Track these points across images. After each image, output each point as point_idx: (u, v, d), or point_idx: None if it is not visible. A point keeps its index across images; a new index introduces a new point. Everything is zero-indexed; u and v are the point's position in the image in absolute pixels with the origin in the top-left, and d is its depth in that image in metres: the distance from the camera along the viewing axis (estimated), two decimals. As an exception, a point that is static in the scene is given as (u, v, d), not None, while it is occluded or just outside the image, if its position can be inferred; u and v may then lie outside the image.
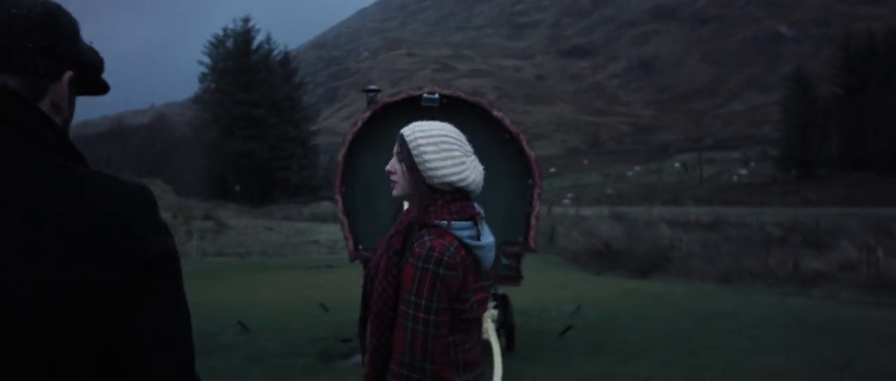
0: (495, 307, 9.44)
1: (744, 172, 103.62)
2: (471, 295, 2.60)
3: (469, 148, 2.73)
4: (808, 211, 46.99)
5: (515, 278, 9.40)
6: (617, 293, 17.13)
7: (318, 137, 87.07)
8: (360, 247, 9.15)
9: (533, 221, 9.06)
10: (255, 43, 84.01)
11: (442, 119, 6.36)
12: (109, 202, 1.44)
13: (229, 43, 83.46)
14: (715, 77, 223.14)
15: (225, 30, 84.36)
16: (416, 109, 9.07)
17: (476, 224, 2.63)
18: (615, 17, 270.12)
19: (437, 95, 9.02)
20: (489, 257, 2.67)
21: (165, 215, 41.64)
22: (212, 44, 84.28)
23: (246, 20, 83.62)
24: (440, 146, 2.69)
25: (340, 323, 11.89)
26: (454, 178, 2.65)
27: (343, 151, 9.20)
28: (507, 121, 9.07)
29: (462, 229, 2.59)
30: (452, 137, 2.73)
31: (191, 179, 79.60)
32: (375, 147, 9.26)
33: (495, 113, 9.04)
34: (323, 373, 8.83)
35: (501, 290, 9.82)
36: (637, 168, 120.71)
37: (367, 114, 9.18)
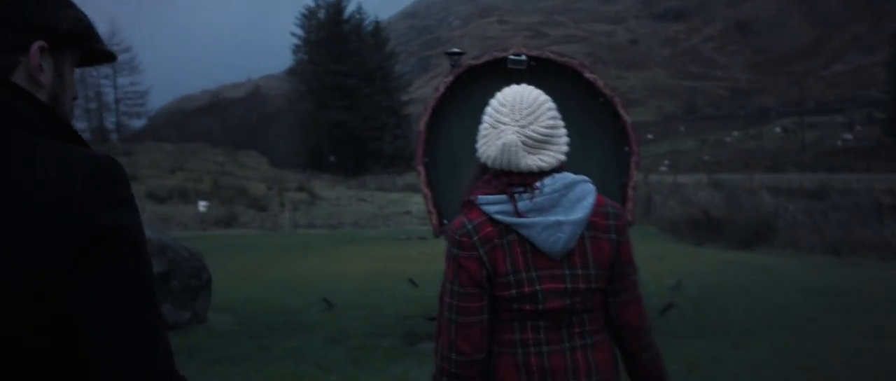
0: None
1: (849, 136, 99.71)
2: (515, 281, 2.29)
3: (506, 117, 2.39)
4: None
5: None
6: (718, 266, 16.29)
7: (410, 106, 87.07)
8: (446, 222, 8.60)
9: (629, 191, 8.35)
10: (347, 13, 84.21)
11: (529, 82, 5.81)
12: (58, 175, 1.33)
13: (321, 14, 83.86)
14: (816, 37, 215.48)
15: (316, 1, 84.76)
16: (503, 71, 8.46)
17: (510, 195, 2.32)
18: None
19: (524, 57, 8.37)
20: (548, 237, 2.29)
21: (259, 187, 42.20)
22: (303, 15, 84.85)
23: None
24: (484, 116, 2.47)
25: (429, 300, 11.41)
26: (478, 152, 2.46)
27: (425, 118, 8.60)
28: (600, 83, 8.35)
29: (489, 204, 2.32)
30: (494, 104, 2.47)
31: (286, 151, 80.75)
32: (460, 113, 8.67)
33: (588, 75, 8.33)
34: (407, 355, 8.34)
35: None
36: (736, 134, 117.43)
37: (450, 78, 8.55)
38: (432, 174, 8.66)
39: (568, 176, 2.37)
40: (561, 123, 2.45)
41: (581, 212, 2.31)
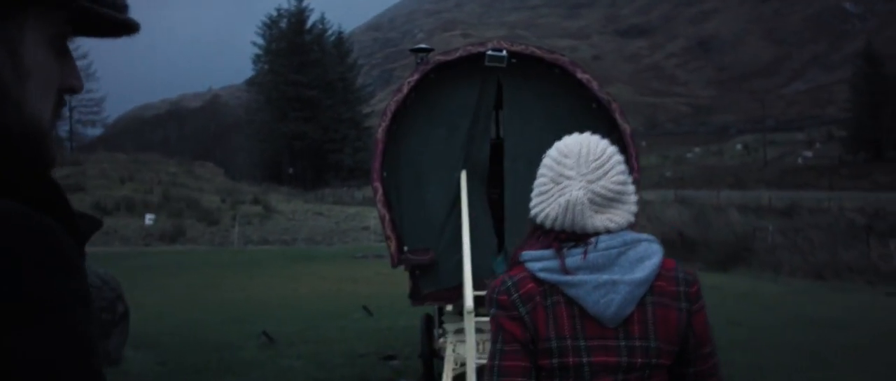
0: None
1: (809, 154, 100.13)
2: (561, 348, 1.93)
3: (571, 170, 2.02)
4: (885, 196, 44.15)
5: None
6: (699, 291, 15.11)
7: (372, 118, 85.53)
8: (405, 249, 7.21)
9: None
10: (309, 23, 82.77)
11: (513, 82, 5.99)
12: None
13: (283, 23, 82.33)
14: (776, 56, 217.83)
15: (278, 10, 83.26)
16: (479, 70, 7.13)
17: (559, 252, 1.97)
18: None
19: (504, 53, 7.00)
20: (599, 299, 1.91)
21: (212, 200, 40.58)
22: (265, 24, 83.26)
23: (300, 0, 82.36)
24: (542, 168, 2.11)
25: (385, 333, 10.07)
26: (533, 211, 2.08)
27: (384, 124, 7.11)
28: (595, 85, 6.97)
29: (534, 260, 2.00)
30: (555, 155, 2.09)
31: (244, 162, 79.24)
32: (428, 119, 7.31)
33: (580, 75, 6.96)
34: (358, 408, 6.97)
35: None
36: (697, 150, 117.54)
37: (415, 77, 7.09)
38: (392, 192, 7.22)
39: (629, 233, 2.01)
40: (630, 178, 2.11)
41: (642, 272, 1.95)
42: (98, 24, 0.97)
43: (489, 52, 6.97)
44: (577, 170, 2.02)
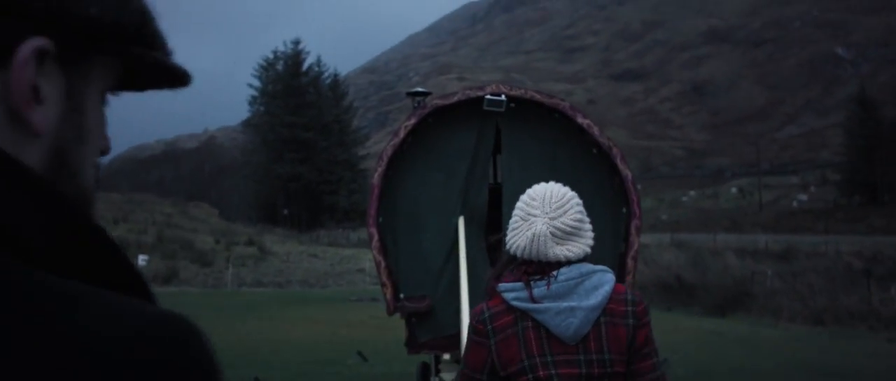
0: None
1: (804, 197, 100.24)
2: (529, 367, 2.36)
3: (537, 210, 2.44)
4: (883, 240, 44.02)
5: None
6: (697, 336, 14.95)
7: (367, 161, 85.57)
8: (401, 296, 7.03)
9: (629, 262, 6.82)
10: (305, 65, 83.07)
11: (512, 127, 6.23)
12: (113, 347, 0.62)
13: (279, 65, 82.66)
14: (770, 100, 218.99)
15: (275, 52, 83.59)
16: (477, 114, 7.00)
17: (527, 283, 2.39)
18: (667, 40, 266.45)
19: (503, 97, 6.88)
20: (561, 322, 2.36)
21: (206, 241, 40.37)
22: (262, 66, 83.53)
23: (296, 43, 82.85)
24: (515, 210, 2.54)
25: (379, 379, 9.85)
26: (507, 244, 2.51)
27: (380, 169, 6.97)
28: (595, 130, 6.84)
29: (507, 291, 2.42)
30: (525, 199, 2.52)
31: (239, 203, 79.11)
32: (425, 164, 7.17)
33: (581, 120, 6.83)
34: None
35: None
36: (692, 193, 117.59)
37: (412, 121, 6.95)
38: (388, 238, 7.06)
39: (586, 266, 2.42)
40: (587, 218, 2.49)
41: (596, 299, 2.36)
42: (149, 75, 0.82)
43: (488, 97, 6.85)
44: (542, 209, 2.42)
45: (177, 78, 0.82)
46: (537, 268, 2.41)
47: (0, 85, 0.68)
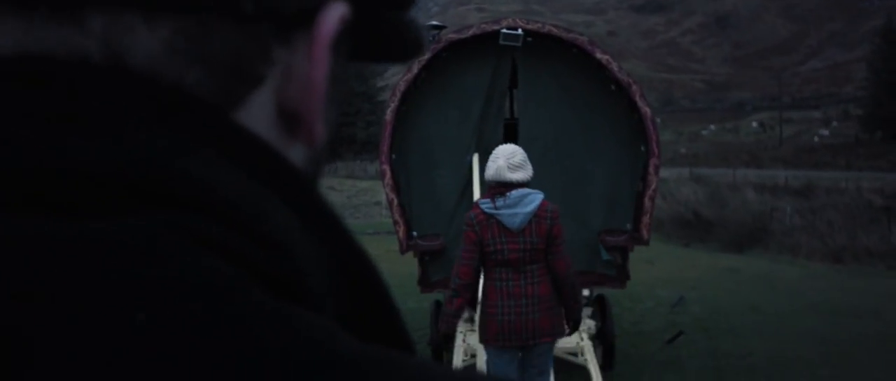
0: (591, 317, 7.23)
1: (825, 132, 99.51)
2: (494, 244, 4.69)
3: (499, 157, 4.82)
4: (904, 176, 43.60)
5: (619, 278, 7.07)
6: (714, 273, 14.85)
7: (385, 92, 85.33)
8: (414, 234, 6.94)
9: (647, 202, 6.68)
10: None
11: (529, 62, 6.91)
12: None
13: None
14: (794, 33, 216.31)
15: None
16: (493, 49, 6.83)
17: (493, 199, 4.72)
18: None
19: (519, 32, 6.69)
20: (510, 220, 4.66)
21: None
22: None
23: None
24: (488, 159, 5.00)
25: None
26: (485, 175, 5.01)
27: (393, 105, 6.80)
28: (614, 66, 6.64)
29: (482, 203, 4.81)
30: (493, 153, 4.94)
31: (256, 135, 79.39)
32: (438, 100, 7.03)
33: (599, 55, 6.63)
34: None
35: (598, 291, 7.56)
36: (712, 127, 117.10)
37: (426, 55, 6.81)
38: (401, 175, 6.95)
39: (525, 190, 4.74)
40: (528, 161, 4.82)
41: (530, 208, 4.68)
42: (386, 44, 0.58)
43: (504, 31, 6.67)
44: (502, 155, 4.77)
45: (412, 48, 0.59)
46: (498, 190, 4.75)
47: (279, 72, 0.46)
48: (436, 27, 7.89)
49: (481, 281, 4.97)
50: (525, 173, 4.67)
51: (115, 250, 0.36)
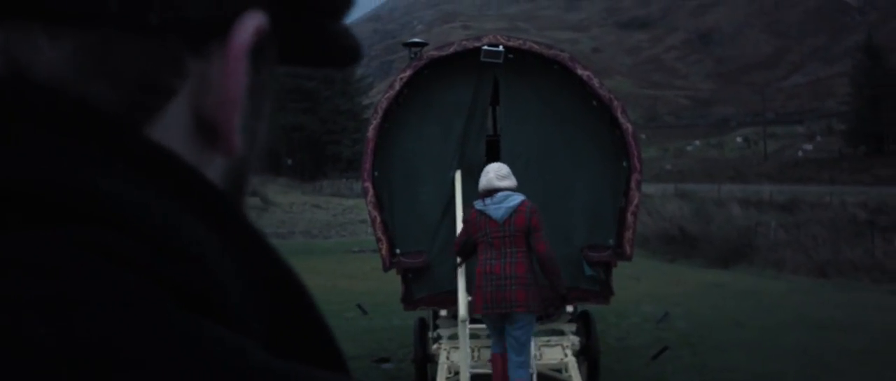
0: (575, 333, 7.20)
1: (809, 147, 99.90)
2: (482, 232, 5.99)
3: (491, 171, 6.17)
4: (887, 190, 43.84)
5: (602, 294, 7.05)
6: (700, 289, 14.88)
7: (370, 111, 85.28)
8: (397, 251, 6.92)
9: (629, 218, 6.69)
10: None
11: (510, 79, 7.16)
12: None
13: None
14: (777, 49, 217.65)
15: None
16: (474, 67, 6.83)
17: (483, 200, 6.03)
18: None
19: (500, 48, 6.70)
20: (495, 212, 5.95)
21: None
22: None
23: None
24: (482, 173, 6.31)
25: (380, 333, 9.82)
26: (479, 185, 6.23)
27: (375, 122, 6.80)
28: (595, 82, 6.65)
29: (476, 203, 6.10)
30: (485, 169, 6.32)
31: (242, 153, 78.88)
32: (420, 117, 7.02)
33: (580, 72, 6.65)
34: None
35: (582, 307, 7.53)
36: (697, 143, 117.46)
37: (408, 73, 6.78)
38: (383, 193, 6.93)
39: (508, 192, 5.99)
40: (512, 175, 6.13)
41: (512, 204, 5.92)
42: (317, 51, 0.58)
43: (485, 48, 6.68)
44: (492, 170, 6.13)
45: (349, 55, 0.59)
46: (488, 194, 6.02)
47: (196, 81, 0.45)
48: (417, 44, 7.88)
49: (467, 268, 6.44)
50: (511, 182, 6.02)
51: (15, 265, 0.35)
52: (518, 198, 5.91)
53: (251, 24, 0.46)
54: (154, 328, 0.35)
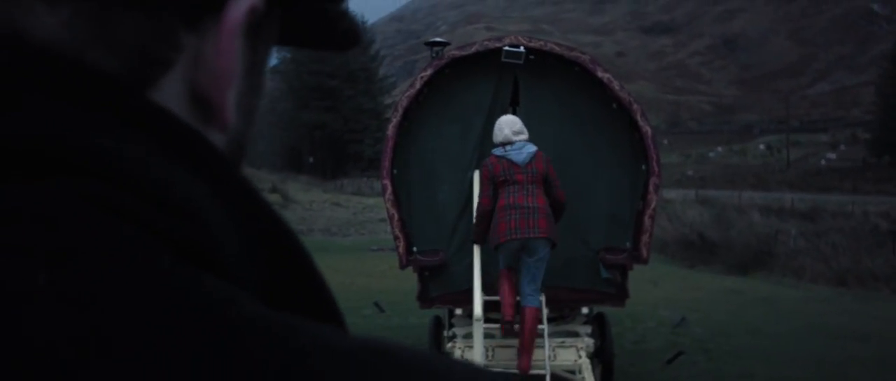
0: (590, 335, 7.21)
1: (832, 156, 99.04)
2: (504, 174, 6.35)
3: (505, 126, 6.52)
4: (911, 200, 43.44)
5: (618, 296, 7.07)
6: (718, 295, 14.84)
7: (392, 109, 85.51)
8: (415, 249, 6.95)
9: (646, 221, 6.71)
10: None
11: (531, 80, 7.23)
12: None
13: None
14: (802, 56, 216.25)
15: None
16: (495, 66, 6.86)
17: (504, 146, 6.41)
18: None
19: (521, 49, 6.73)
20: (517, 156, 6.36)
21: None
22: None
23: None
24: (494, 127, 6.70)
25: (396, 330, 9.85)
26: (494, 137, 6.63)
27: (395, 120, 6.85)
28: (615, 85, 6.68)
29: (495, 151, 6.47)
30: (498, 124, 6.63)
31: (264, 150, 79.13)
32: (440, 116, 7.06)
33: (600, 74, 6.67)
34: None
35: (598, 310, 7.54)
36: (719, 149, 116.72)
37: (429, 72, 6.84)
38: (401, 191, 6.97)
39: (526, 143, 6.42)
40: (525, 128, 6.53)
41: (531, 150, 6.38)
42: (316, 33, 0.60)
43: (506, 48, 6.71)
44: (506, 125, 6.49)
45: (349, 38, 0.60)
46: (505, 142, 6.44)
47: (189, 57, 0.46)
48: (439, 44, 7.91)
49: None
50: (525, 135, 6.44)
51: (16, 215, 0.36)
52: (533, 147, 6.38)
53: (245, 2, 0.47)
54: (150, 279, 0.36)
